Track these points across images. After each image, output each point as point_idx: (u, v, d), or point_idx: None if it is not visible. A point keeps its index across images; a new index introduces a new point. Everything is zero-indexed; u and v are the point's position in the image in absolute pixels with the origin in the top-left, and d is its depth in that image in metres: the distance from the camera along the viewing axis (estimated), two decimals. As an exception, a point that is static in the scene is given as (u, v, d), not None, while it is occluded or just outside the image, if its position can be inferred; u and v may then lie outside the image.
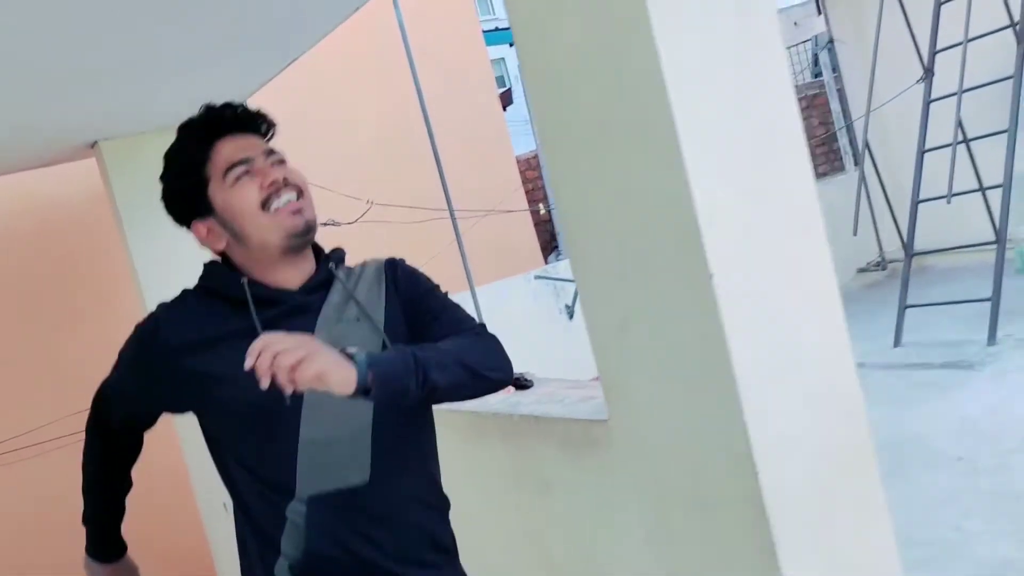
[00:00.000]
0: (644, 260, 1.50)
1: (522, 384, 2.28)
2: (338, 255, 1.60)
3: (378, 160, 6.63)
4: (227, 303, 1.50)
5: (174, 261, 4.53)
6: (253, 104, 1.61)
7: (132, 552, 1.81)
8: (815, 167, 10.11)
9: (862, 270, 9.32)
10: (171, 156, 1.56)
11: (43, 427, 5.11)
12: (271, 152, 1.53)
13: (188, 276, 5.20)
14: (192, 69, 3.41)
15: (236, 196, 1.48)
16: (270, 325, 1.41)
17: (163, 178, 1.57)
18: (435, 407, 1.60)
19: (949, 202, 6.05)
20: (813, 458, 1.51)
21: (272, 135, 1.58)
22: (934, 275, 8.54)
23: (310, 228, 1.49)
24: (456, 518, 1.58)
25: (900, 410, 5.34)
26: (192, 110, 1.58)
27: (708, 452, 1.50)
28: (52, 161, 4.79)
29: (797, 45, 11.38)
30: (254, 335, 1.29)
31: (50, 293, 5.37)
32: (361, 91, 6.61)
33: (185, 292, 1.58)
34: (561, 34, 1.53)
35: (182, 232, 1.64)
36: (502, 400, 2.28)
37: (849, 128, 8.20)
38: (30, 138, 4.12)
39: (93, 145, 4.53)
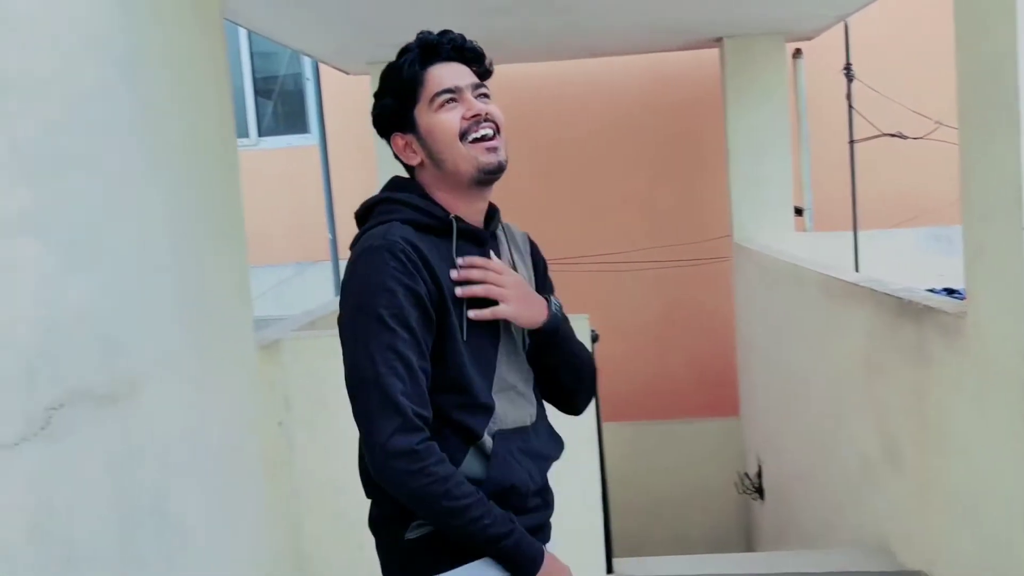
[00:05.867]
0: (989, 214, 2.33)
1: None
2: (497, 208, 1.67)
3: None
4: (433, 233, 1.53)
5: (764, 147, 5.80)
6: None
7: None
8: None
9: None
10: (387, 73, 1.59)
11: (632, 252, 6.79)
12: (479, 86, 1.58)
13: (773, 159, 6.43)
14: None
15: (439, 121, 1.53)
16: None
17: (377, 93, 1.61)
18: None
19: None
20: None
21: (484, 71, 1.62)
22: None
23: (501, 167, 1.54)
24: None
25: None
26: (785, 17, 1.67)
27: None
28: (680, 48, 6.28)
29: None
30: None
31: (658, 149, 6.97)
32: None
33: (399, 225, 1.49)
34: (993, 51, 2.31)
35: (772, 128, 1.86)
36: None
37: None
38: (667, 28, 5.56)
39: (718, 40, 5.88)
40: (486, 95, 1.58)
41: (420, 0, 4.44)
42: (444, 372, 1.47)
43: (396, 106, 1.57)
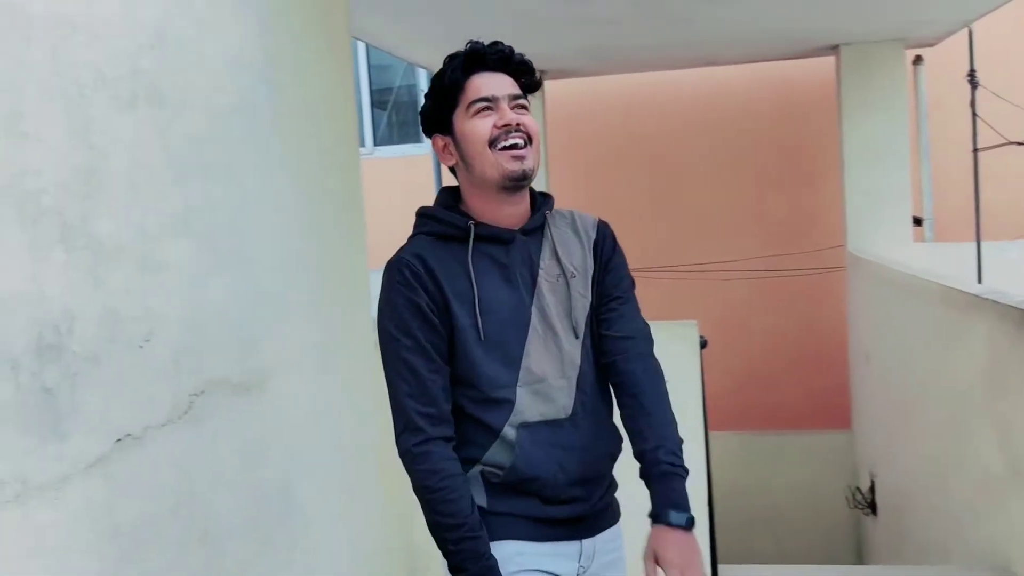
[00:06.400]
0: None
1: None
2: (550, 202, 1.72)
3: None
4: (455, 240, 1.62)
5: (881, 155, 5.68)
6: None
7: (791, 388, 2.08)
8: None
9: None
10: (435, 77, 1.67)
11: (744, 260, 6.74)
12: (516, 97, 1.63)
13: (891, 168, 6.34)
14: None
15: (472, 127, 1.60)
16: (492, 259, 1.61)
17: (425, 94, 1.69)
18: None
19: None
20: None
21: (531, 84, 1.68)
22: None
23: (526, 176, 1.59)
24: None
25: None
26: (906, 24, 1.51)
27: None
28: (795, 56, 6.19)
29: None
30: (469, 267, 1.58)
31: (766, 158, 6.90)
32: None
33: (422, 238, 1.63)
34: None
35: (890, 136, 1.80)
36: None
37: None
38: (783, 37, 5.50)
39: (835, 48, 5.78)
40: (524, 107, 1.64)
41: (532, 14, 4.53)
42: (455, 368, 1.59)
43: (437, 108, 1.65)
